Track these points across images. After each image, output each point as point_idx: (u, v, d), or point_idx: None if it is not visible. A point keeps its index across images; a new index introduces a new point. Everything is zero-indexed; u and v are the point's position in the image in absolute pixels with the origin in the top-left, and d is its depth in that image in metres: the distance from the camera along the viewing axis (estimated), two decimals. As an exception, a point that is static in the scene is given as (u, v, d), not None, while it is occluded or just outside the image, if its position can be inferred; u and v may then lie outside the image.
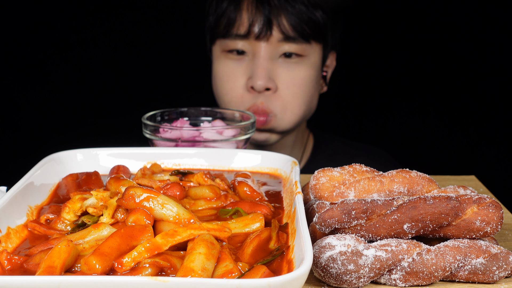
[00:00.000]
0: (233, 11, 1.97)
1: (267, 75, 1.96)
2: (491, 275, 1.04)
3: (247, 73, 2.00)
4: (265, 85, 1.95)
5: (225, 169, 1.43)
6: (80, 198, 1.13)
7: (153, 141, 1.57)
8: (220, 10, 2.00)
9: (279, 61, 1.99)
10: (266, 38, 1.95)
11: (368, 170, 1.20)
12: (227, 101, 2.05)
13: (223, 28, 1.99)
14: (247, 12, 1.95)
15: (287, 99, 2.00)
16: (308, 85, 2.03)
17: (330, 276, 1.01)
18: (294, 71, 1.99)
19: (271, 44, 1.96)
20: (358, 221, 1.06)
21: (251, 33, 1.95)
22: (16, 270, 0.95)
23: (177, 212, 1.04)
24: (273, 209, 1.18)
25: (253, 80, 1.96)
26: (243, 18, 1.96)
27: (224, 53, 2.04)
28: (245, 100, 2.00)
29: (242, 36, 1.97)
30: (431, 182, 1.17)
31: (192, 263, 0.90)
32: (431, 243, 1.10)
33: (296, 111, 2.02)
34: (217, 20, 2.01)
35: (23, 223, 1.12)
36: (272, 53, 1.97)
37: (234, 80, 2.01)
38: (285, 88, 1.99)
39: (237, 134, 1.56)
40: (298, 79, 2.00)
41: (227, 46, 2.01)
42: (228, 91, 2.03)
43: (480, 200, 1.08)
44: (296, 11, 1.93)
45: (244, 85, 2.00)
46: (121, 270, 0.91)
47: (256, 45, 1.97)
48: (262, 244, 1.03)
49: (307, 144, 2.27)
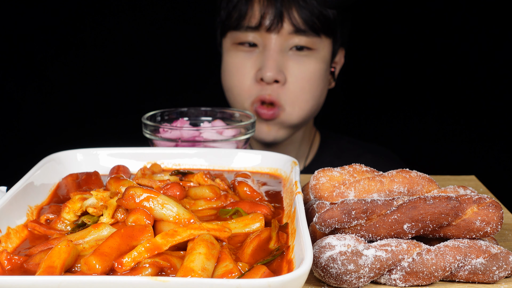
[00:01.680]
0: (245, 4, 2.00)
1: (277, 67, 1.97)
2: (491, 275, 1.04)
3: (257, 65, 2.01)
4: (275, 76, 1.96)
5: (225, 169, 1.43)
6: (80, 198, 1.13)
7: (153, 141, 1.57)
8: (231, 4, 2.02)
9: (289, 54, 2.00)
10: (277, 30, 1.97)
11: (368, 170, 1.20)
12: (236, 94, 2.06)
13: (234, 20, 2.01)
14: (258, 5, 1.98)
15: (295, 93, 2.01)
16: (317, 79, 2.04)
17: (330, 276, 1.01)
18: (304, 64, 2.00)
19: (282, 36, 1.98)
20: (358, 221, 1.06)
21: (262, 25, 1.97)
22: (16, 270, 0.95)
23: (177, 212, 1.04)
24: (273, 209, 1.18)
25: (262, 71, 1.97)
26: (254, 10, 1.98)
27: (234, 46, 2.05)
28: (253, 92, 2.01)
29: (253, 28, 1.99)
30: (431, 182, 1.17)
31: (192, 263, 0.90)
32: (431, 243, 1.10)
33: (303, 105, 2.03)
34: (228, 13, 2.03)
35: (23, 223, 1.12)
36: (282, 45, 1.98)
37: (243, 72, 2.03)
38: (294, 81, 2.00)
39: (237, 134, 1.56)
40: (308, 73, 2.01)
41: (238, 38, 2.03)
42: (237, 83, 2.04)
43: (480, 200, 1.08)
44: (307, 5, 1.96)
45: (253, 76, 2.01)
46: (121, 270, 0.91)
47: (266, 37, 1.98)
48: (262, 244, 1.03)
49: (313, 142, 2.28)
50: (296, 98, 2.01)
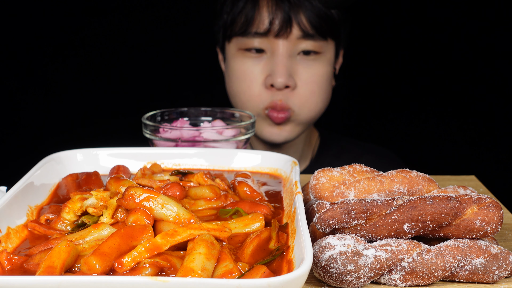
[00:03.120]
0: (251, 9, 1.98)
1: (287, 72, 1.96)
2: (491, 275, 1.04)
3: (266, 71, 2.00)
4: (286, 82, 1.96)
5: (225, 169, 1.43)
6: (80, 198, 1.13)
7: (153, 141, 1.57)
8: (236, 9, 2.00)
9: (297, 59, 2.00)
10: (286, 36, 1.96)
11: (368, 170, 1.20)
12: (244, 100, 2.05)
13: (241, 26, 1.99)
14: (267, 10, 1.96)
15: (305, 97, 2.02)
16: (325, 82, 2.05)
17: (330, 276, 1.01)
18: (312, 68, 2.01)
19: (290, 41, 1.97)
20: (358, 221, 1.06)
21: (271, 31, 1.96)
22: (16, 270, 0.95)
23: (177, 212, 1.04)
24: (273, 209, 1.18)
25: (273, 77, 1.96)
26: (262, 16, 1.97)
27: (241, 52, 2.03)
28: (263, 98, 2.01)
29: (261, 34, 1.97)
30: (431, 182, 1.17)
31: (192, 263, 0.90)
32: (431, 243, 1.10)
33: (313, 107, 2.05)
34: (233, 18, 2.01)
35: (23, 223, 1.12)
36: (291, 50, 1.98)
37: (251, 79, 2.02)
38: (303, 85, 2.00)
39: (237, 134, 1.56)
40: (316, 76, 2.02)
41: (245, 44, 2.01)
42: (246, 90, 2.03)
43: (480, 200, 1.08)
44: (313, 8, 1.95)
45: (262, 83, 2.00)
46: (121, 270, 0.91)
47: (275, 43, 1.97)
48: (262, 244, 1.03)
49: (313, 143, 2.28)
50: (306, 101, 2.02)
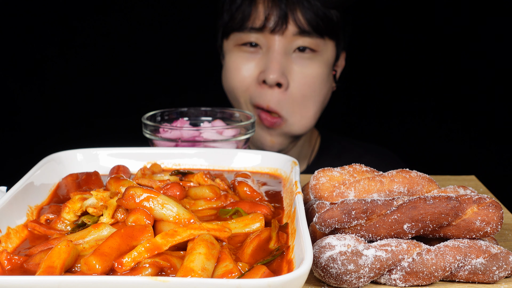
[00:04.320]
0: (248, 5, 1.98)
1: (281, 69, 1.95)
2: (491, 275, 1.04)
3: (260, 66, 1.99)
4: (278, 79, 1.94)
5: (225, 169, 1.43)
6: (80, 198, 1.13)
7: (153, 141, 1.57)
8: (234, 6, 2.01)
9: (292, 56, 1.98)
10: (281, 32, 1.95)
11: (368, 170, 1.20)
12: (238, 95, 2.04)
13: (238, 21, 1.99)
14: (263, 6, 1.96)
15: (297, 100, 1.98)
16: (320, 84, 2.01)
17: (330, 276, 1.01)
18: (307, 68, 1.98)
19: (286, 38, 1.96)
20: (358, 221, 1.06)
21: (266, 26, 1.95)
22: (16, 270, 0.95)
23: (177, 212, 1.04)
24: (273, 209, 1.18)
25: (266, 73, 1.95)
26: (259, 11, 1.97)
27: (237, 47, 2.03)
28: (254, 93, 1.99)
29: (257, 29, 1.97)
30: (431, 182, 1.17)
31: (192, 263, 0.90)
32: (431, 243, 1.10)
33: (305, 113, 2.01)
34: (231, 15, 2.01)
35: (23, 223, 1.12)
36: (286, 47, 1.97)
37: (245, 73, 2.00)
38: (296, 86, 1.97)
39: (237, 134, 1.56)
40: (310, 77, 1.99)
41: (241, 39, 2.01)
42: (238, 85, 2.02)
43: (480, 200, 1.08)
44: (311, 6, 1.94)
45: (255, 78, 1.99)
46: (121, 270, 0.91)
47: (270, 39, 1.97)
48: (262, 244, 1.03)
49: (314, 143, 2.27)
50: (297, 105, 1.99)
